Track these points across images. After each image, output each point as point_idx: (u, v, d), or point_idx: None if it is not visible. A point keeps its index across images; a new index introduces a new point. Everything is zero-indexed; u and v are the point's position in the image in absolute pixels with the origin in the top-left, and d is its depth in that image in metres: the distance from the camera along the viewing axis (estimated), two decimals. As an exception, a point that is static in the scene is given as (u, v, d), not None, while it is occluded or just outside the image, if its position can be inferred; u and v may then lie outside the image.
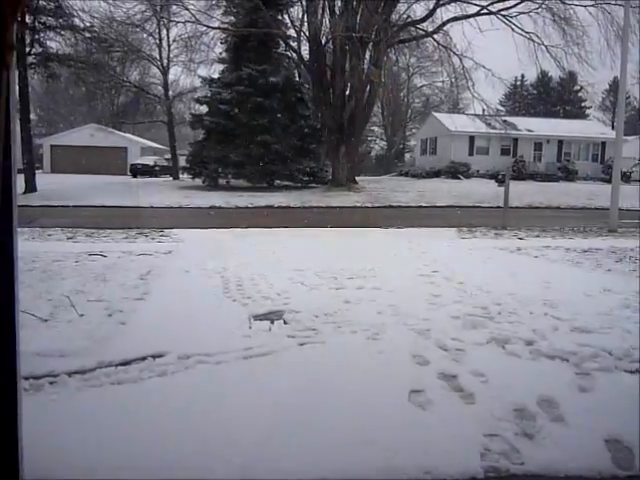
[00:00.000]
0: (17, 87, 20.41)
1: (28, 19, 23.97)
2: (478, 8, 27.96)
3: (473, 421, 3.34)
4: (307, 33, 29.60)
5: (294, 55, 31.94)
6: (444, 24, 28.38)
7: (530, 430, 3.26)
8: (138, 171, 47.67)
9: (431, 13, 28.62)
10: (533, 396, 3.67)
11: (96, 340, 4.68)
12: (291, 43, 31.27)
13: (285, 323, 5.34)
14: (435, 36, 28.89)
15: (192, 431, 3.18)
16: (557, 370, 4.23)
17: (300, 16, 31.65)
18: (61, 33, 26.05)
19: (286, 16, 31.91)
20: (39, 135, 55.91)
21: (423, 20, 29.13)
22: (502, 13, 27.60)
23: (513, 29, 27.59)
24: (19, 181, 24.41)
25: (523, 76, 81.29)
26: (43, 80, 31.06)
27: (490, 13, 27.75)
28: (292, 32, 31.77)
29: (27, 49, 24.21)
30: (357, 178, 32.40)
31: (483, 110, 32.13)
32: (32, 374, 3.87)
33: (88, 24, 26.10)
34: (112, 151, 52.92)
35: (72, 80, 30.19)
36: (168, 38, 36.94)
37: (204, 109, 32.44)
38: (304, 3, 29.35)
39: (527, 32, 27.46)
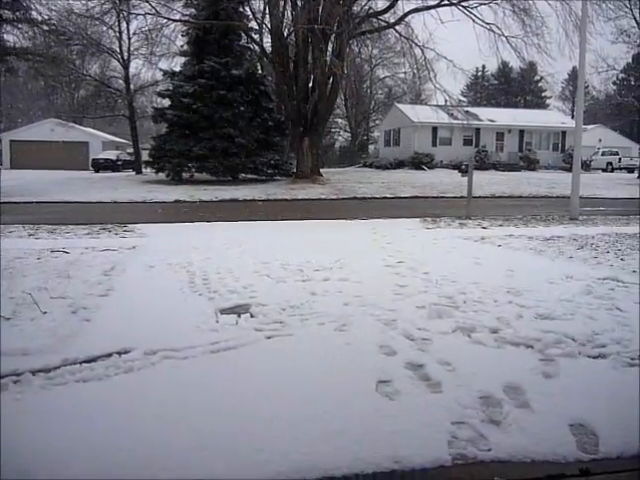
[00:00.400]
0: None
1: (-17, 13, 23.51)
2: (439, -1, 28.13)
3: (440, 409, 3.36)
4: (269, 25, 29.38)
5: (256, 47, 31.74)
6: (405, 15, 28.45)
7: (496, 417, 3.31)
8: (100, 166, 47.26)
9: (392, 4, 28.66)
10: (499, 383, 3.72)
11: (60, 337, 4.61)
12: (253, 35, 31.05)
13: (252, 316, 5.32)
14: (397, 27, 28.95)
15: (160, 428, 3.16)
16: (522, 357, 4.29)
17: (262, 8, 31.42)
18: (18, 26, 25.43)
19: (248, 8, 31.67)
20: (-3, 130, 54.93)
21: (384, 11, 29.17)
22: (462, 4, 27.75)
23: (474, 20, 27.78)
24: (-23, 178, 24.01)
25: (484, 67, 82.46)
26: (1, 74, 30.40)
27: (451, 4, 27.88)
28: (254, 24, 31.54)
29: (-17, 44, 23.74)
30: (321, 170, 32.40)
31: (445, 101, 32.27)
32: (-5, 374, 3.81)
33: (46, 17, 25.62)
34: (73, 146, 52.37)
35: (31, 74, 29.64)
36: (128, 31, 36.50)
37: (166, 102, 32.07)
38: (266, -5, 29.18)
39: (487, 23, 27.68)
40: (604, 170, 45.08)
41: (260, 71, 33.63)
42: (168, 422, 3.21)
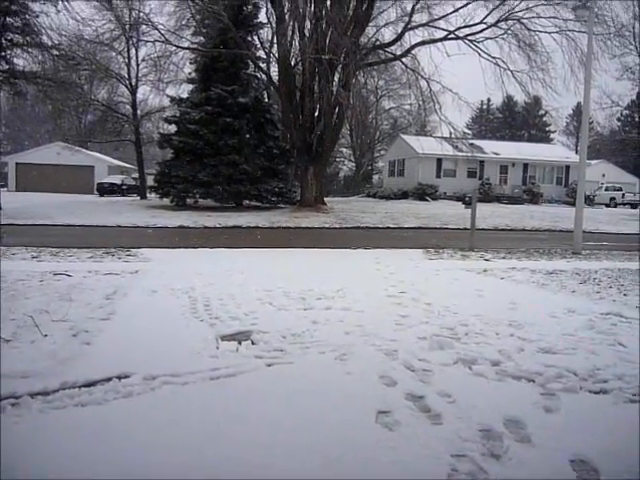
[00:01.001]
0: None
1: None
2: (445, 33, 28.50)
3: (440, 442, 3.34)
4: (276, 54, 29.77)
5: (263, 76, 32.11)
6: (412, 48, 28.83)
7: (497, 450, 3.28)
8: (105, 190, 47.48)
9: (399, 37, 29.03)
10: (499, 416, 3.70)
11: (60, 361, 4.59)
12: (260, 64, 31.45)
13: (253, 344, 5.31)
14: (403, 59, 29.36)
15: (158, 454, 3.14)
16: (523, 391, 4.26)
17: (270, 38, 31.92)
18: (28, 51, 25.72)
19: (256, 37, 32.23)
20: (4, 153, 55.30)
21: (391, 44, 29.54)
22: (469, 38, 28.13)
23: (479, 54, 28.19)
24: (-17, 199, 24.11)
25: (489, 100, 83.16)
26: (9, 97, 30.68)
27: (457, 38, 28.26)
28: (262, 53, 32.06)
29: (-7, 67, 24.01)
30: (325, 199, 32.51)
31: (450, 133, 32.48)
32: (-7, 396, 3.80)
33: (56, 42, 25.86)
34: (79, 170, 52.66)
35: (39, 98, 29.84)
36: (137, 57, 36.94)
37: (172, 128, 32.33)
38: (274, 25, 29.52)
39: (493, 57, 28.08)
40: (607, 205, 45.21)
41: (266, 99, 33.93)
42: (167, 447, 3.19)
